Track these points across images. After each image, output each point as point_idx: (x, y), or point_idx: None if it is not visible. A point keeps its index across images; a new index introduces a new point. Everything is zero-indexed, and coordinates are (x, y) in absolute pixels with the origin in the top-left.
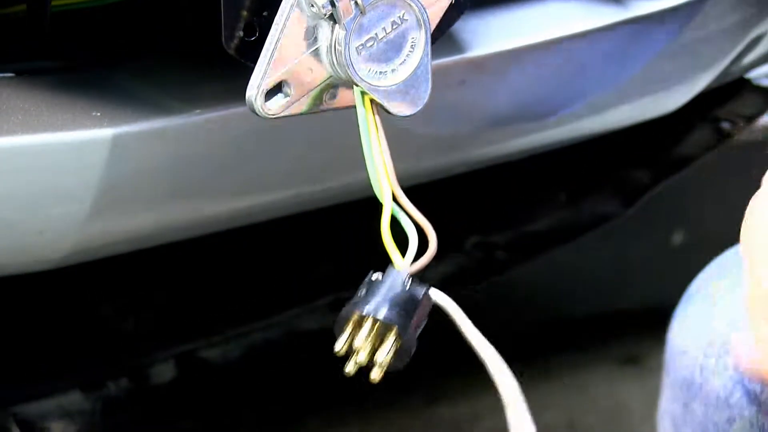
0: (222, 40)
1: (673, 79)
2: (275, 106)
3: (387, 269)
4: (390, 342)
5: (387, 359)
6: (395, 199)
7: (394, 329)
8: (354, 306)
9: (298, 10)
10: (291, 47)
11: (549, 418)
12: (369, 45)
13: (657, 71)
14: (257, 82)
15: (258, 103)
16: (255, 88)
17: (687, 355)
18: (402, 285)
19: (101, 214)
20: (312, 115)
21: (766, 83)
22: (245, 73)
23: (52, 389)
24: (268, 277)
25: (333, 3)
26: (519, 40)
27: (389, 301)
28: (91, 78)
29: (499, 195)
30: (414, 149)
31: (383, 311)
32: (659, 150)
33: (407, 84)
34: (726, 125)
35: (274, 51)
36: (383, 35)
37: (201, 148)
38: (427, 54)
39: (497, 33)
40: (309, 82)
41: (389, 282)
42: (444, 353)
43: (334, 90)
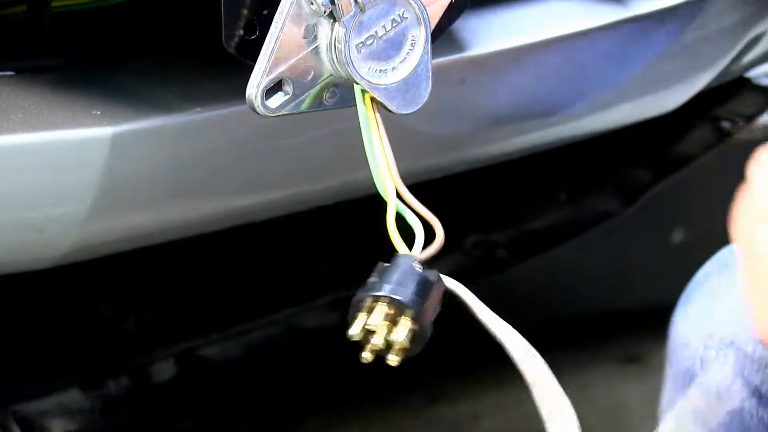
0: (222, 38)
1: (673, 78)
2: (275, 104)
3: (395, 256)
4: (405, 324)
5: (403, 341)
6: (399, 196)
7: (408, 312)
8: (367, 290)
9: (297, 8)
10: (291, 45)
11: None
12: (369, 43)
13: (657, 70)
14: (257, 80)
15: (258, 102)
16: (255, 86)
17: (688, 347)
18: (413, 268)
19: (101, 212)
20: (312, 113)
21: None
22: (245, 72)
23: (52, 388)
24: (268, 276)
25: (332, 1)
26: (519, 38)
27: (402, 283)
28: (92, 76)
29: (500, 193)
30: (414, 148)
31: (397, 291)
32: (659, 149)
33: (407, 82)
34: (726, 124)
35: (274, 49)
36: (383, 33)
37: (201, 146)
38: (428, 52)
39: (497, 32)
40: (309, 80)
41: (400, 266)
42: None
43: (334, 88)
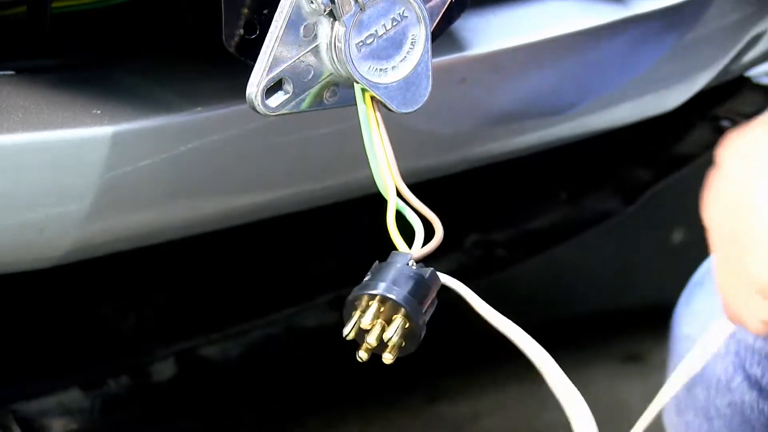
0: (222, 38)
1: (673, 78)
2: (275, 103)
3: (391, 254)
4: (399, 323)
5: (396, 338)
6: (399, 194)
7: (401, 310)
8: (361, 289)
9: (297, 7)
10: (291, 45)
11: (549, 417)
12: (369, 42)
13: (657, 69)
14: (257, 79)
15: (258, 101)
16: (255, 85)
17: (690, 341)
18: (407, 266)
19: (101, 211)
20: (312, 113)
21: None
22: (245, 71)
23: (52, 387)
24: (268, 275)
25: None
26: (519, 38)
27: (396, 282)
28: (92, 76)
29: (500, 193)
30: (414, 147)
31: (390, 290)
32: (660, 148)
33: (408, 81)
34: (726, 123)
35: (274, 48)
36: (383, 32)
37: (201, 145)
38: (428, 51)
39: (498, 31)
40: (309, 79)
41: (395, 265)
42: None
43: (334, 87)
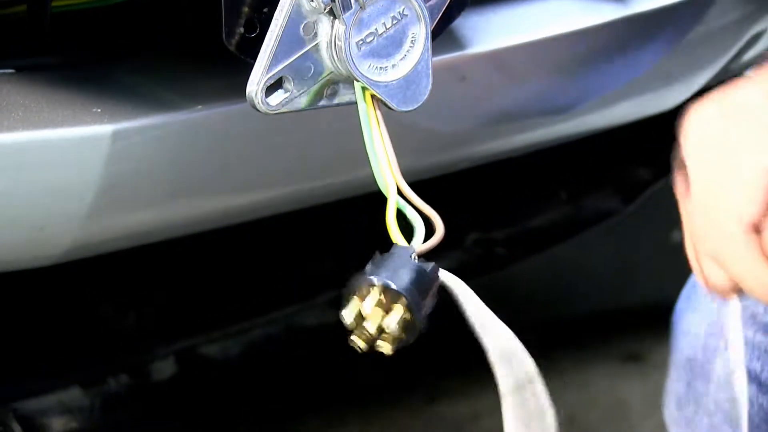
0: (222, 36)
1: (674, 76)
2: (275, 101)
3: (393, 246)
4: (399, 312)
5: (395, 327)
6: (399, 192)
7: (402, 300)
8: (362, 276)
9: (297, 5)
10: (291, 43)
11: None
12: (369, 40)
13: (657, 68)
14: (257, 78)
15: (258, 99)
16: (255, 84)
17: (691, 335)
18: (410, 258)
19: (101, 210)
20: (313, 111)
21: None
22: (246, 70)
23: (52, 386)
24: (268, 274)
25: None
26: (520, 36)
27: (397, 272)
28: (92, 74)
29: (500, 191)
30: (414, 145)
31: (392, 279)
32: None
33: (408, 79)
34: None
35: (274, 47)
36: (383, 30)
37: (201, 144)
38: (428, 49)
39: (498, 29)
40: (309, 77)
41: (396, 255)
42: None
43: (334, 86)
